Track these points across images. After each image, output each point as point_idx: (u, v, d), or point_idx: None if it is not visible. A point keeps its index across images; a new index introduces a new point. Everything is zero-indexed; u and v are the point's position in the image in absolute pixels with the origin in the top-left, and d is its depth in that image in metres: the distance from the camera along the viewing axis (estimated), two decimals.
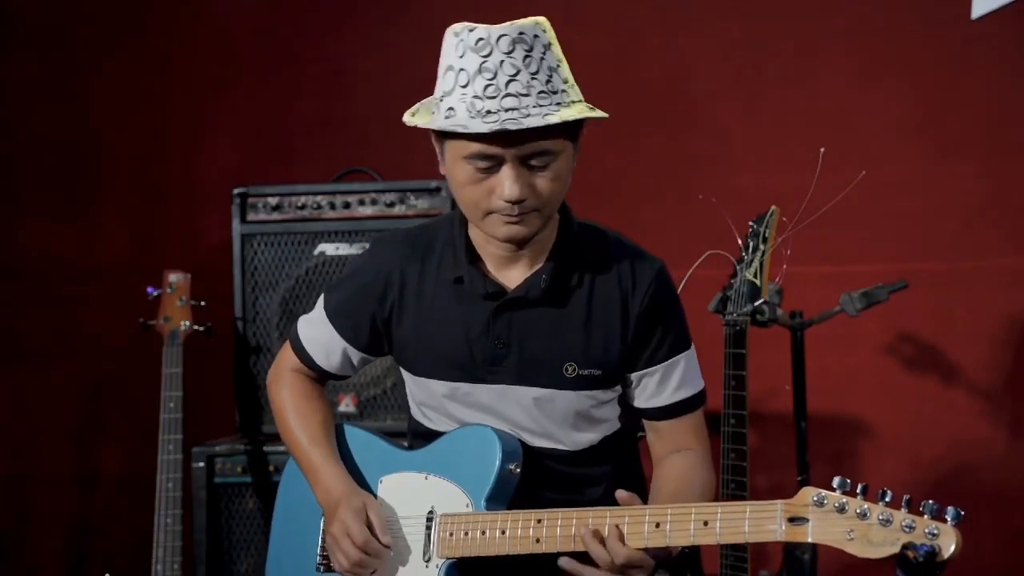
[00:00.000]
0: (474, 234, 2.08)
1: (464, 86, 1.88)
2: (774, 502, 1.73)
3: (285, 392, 2.24)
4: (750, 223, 2.72)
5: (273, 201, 3.34)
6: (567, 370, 2.04)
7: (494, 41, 1.87)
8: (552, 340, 2.04)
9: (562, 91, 1.91)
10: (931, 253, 3.50)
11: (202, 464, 3.21)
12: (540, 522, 1.93)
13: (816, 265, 3.29)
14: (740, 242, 2.71)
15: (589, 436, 2.11)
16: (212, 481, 3.22)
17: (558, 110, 1.89)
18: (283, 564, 2.25)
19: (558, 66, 1.92)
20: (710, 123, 3.67)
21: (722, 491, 2.62)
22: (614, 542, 1.85)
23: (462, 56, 1.89)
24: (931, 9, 3.51)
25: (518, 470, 2.04)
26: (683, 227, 3.46)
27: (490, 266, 2.07)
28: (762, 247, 2.67)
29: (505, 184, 1.90)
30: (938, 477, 3.46)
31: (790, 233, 2.68)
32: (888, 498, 1.65)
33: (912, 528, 1.61)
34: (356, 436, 2.22)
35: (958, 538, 1.59)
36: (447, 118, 1.90)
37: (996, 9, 3.42)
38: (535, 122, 1.85)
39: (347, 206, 3.32)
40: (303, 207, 3.33)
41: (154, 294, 3.31)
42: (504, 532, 1.96)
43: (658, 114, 3.71)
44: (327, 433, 2.20)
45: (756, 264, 2.67)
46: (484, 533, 1.98)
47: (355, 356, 2.21)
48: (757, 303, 2.65)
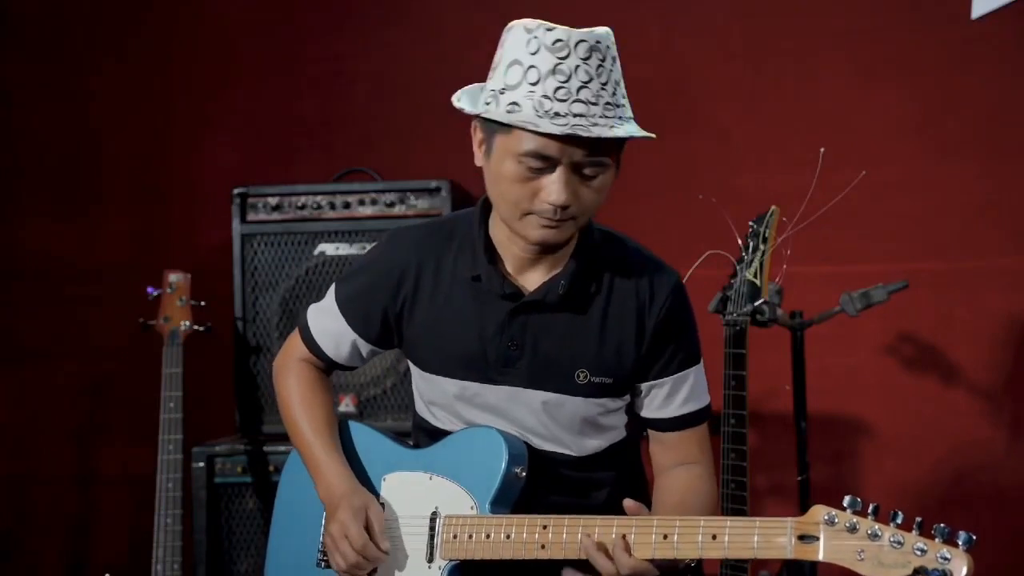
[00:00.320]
0: (495, 233, 2.07)
1: (534, 83, 1.87)
2: (784, 519, 1.73)
3: (292, 381, 2.23)
4: (750, 223, 2.72)
5: (273, 201, 3.34)
6: (578, 376, 2.03)
7: (572, 45, 1.87)
8: (566, 345, 2.03)
9: (622, 106, 1.92)
10: (931, 253, 3.50)
11: (202, 464, 3.21)
12: (546, 528, 1.93)
13: (816, 265, 3.29)
14: (740, 242, 2.71)
15: (595, 443, 2.11)
16: (212, 481, 3.22)
17: (621, 124, 1.89)
18: (283, 560, 2.25)
19: (619, 81, 1.93)
20: (710, 123, 3.67)
21: (722, 491, 2.61)
22: (620, 552, 1.84)
23: (535, 53, 1.87)
24: (931, 9, 3.51)
25: (523, 474, 2.04)
26: (683, 227, 3.46)
27: (509, 267, 2.06)
28: (762, 247, 2.66)
29: (553, 188, 1.89)
30: (938, 477, 3.46)
31: (790, 233, 2.68)
32: (899, 519, 1.65)
33: (924, 552, 1.62)
34: (361, 432, 2.21)
35: (970, 564, 1.60)
36: (510, 112, 1.88)
37: (996, 9, 3.42)
38: (603, 132, 1.86)
39: (347, 206, 3.31)
40: (303, 207, 3.33)
41: (154, 294, 3.31)
42: (509, 536, 1.95)
43: (658, 114, 3.69)
44: (331, 426, 2.19)
45: (756, 264, 2.67)
46: (488, 537, 1.97)
47: (364, 348, 2.20)
48: (757, 303, 2.65)
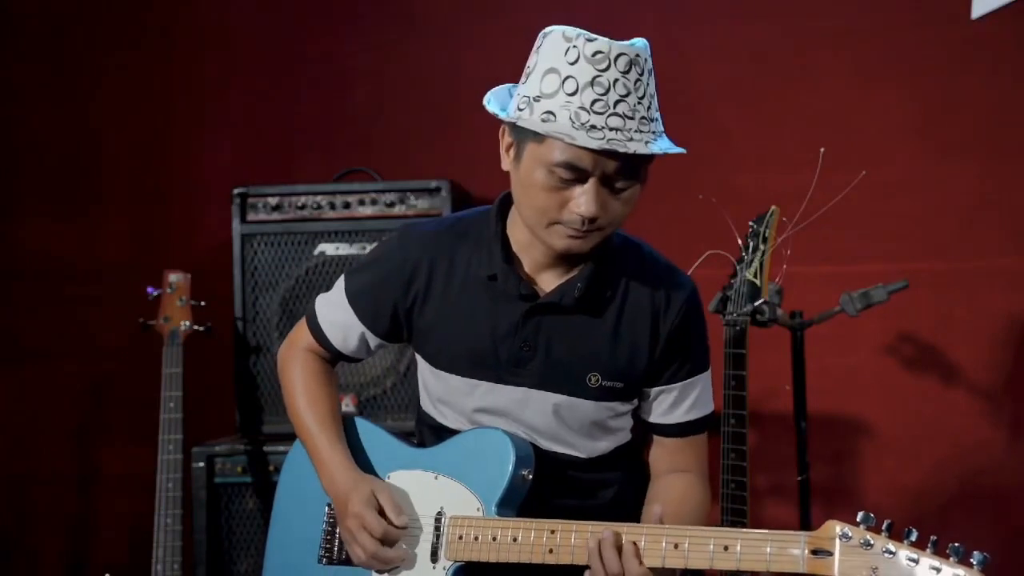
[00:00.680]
0: (513, 233, 2.07)
1: (571, 94, 1.86)
2: (797, 533, 1.74)
3: (297, 371, 2.23)
4: (750, 223, 2.72)
5: (273, 201, 3.34)
6: (590, 380, 2.04)
7: (612, 57, 1.86)
8: (579, 348, 2.03)
9: (656, 120, 1.92)
10: (931, 253, 3.50)
11: (202, 464, 3.21)
12: (554, 532, 1.93)
13: (816, 265, 3.29)
14: (740, 242, 2.71)
15: (602, 445, 2.11)
16: (212, 481, 3.22)
17: (655, 139, 1.90)
18: (284, 557, 2.24)
19: (655, 95, 1.93)
20: (710, 123, 3.67)
21: (722, 491, 2.61)
22: (629, 558, 1.85)
23: (574, 63, 1.87)
24: (931, 9, 3.51)
25: (530, 476, 2.04)
26: (683, 227, 3.46)
27: (526, 267, 2.06)
28: (762, 247, 2.66)
29: (583, 200, 1.89)
30: (938, 477, 3.46)
31: (790, 233, 2.68)
32: (914, 537, 1.66)
33: (938, 571, 1.63)
34: (366, 429, 2.21)
35: None
36: (544, 121, 1.88)
37: (996, 9, 3.42)
38: (639, 148, 1.86)
39: (347, 206, 3.31)
40: (303, 207, 3.33)
41: (154, 294, 3.31)
42: (516, 540, 1.95)
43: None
44: (335, 418, 2.19)
45: (756, 264, 2.67)
46: (495, 539, 1.97)
47: (372, 341, 2.20)
48: (757, 303, 2.65)
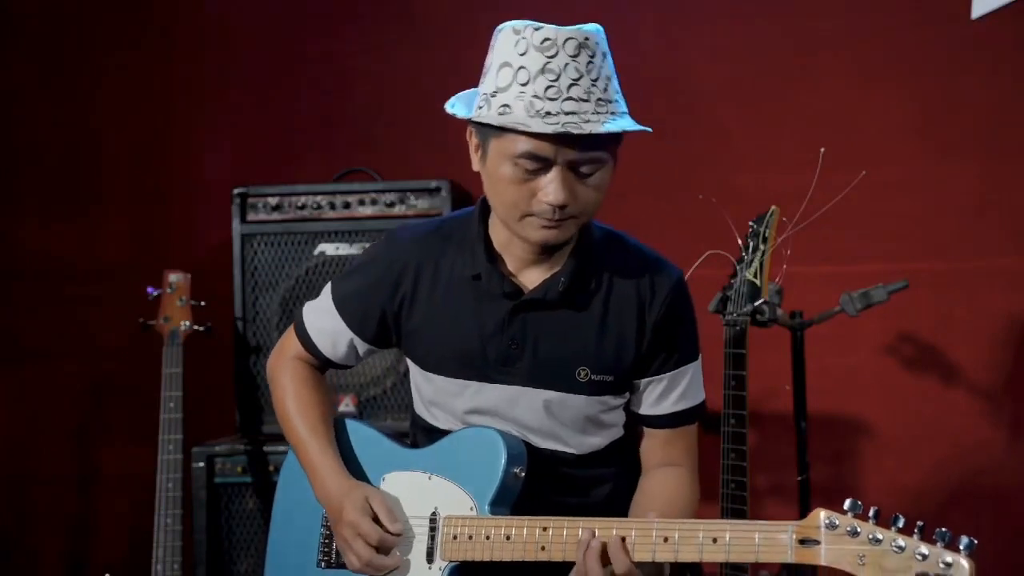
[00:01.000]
0: (495, 233, 2.07)
1: (524, 84, 1.86)
2: (785, 523, 1.74)
3: (287, 379, 2.23)
4: (750, 223, 2.72)
5: (273, 201, 3.34)
6: (580, 374, 2.03)
7: (560, 43, 1.86)
8: (566, 343, 2.03)
9: (615, 101, 1.92)
10: (931, 253, 3.50)
11: (202, 464, 3.21)
12: (546, 530, 1.93)
13: (816, 265, 3.29)
14: (740, 242, 2.71)
15: (596, 440, 2.11)
16: (212, 481, 3.23)
17: (614, 119, 1.89)
18: (283, 561, 2.24)
19: (611, 77, 1.92)
20: (710, 123, 3.67)
21: (722, 491, 2.61)
22: (617, 551, 1.85)
23: (524, 54, 1.87)
24: (931, 9, 3.51)
25: (522, 474, 2.04)
26: (683, 227, 3.46)
27: (509, 266, 2.06)
28: (762, 247, 2.66)
29: (551, 188, 1.89)
30: (938, 477, 3.46)
31: (790, 233, 2.68)
32: (901, 524, 1.65)
33: (925, 557, 1.62)
34: (358, 431, 2.21)
35: (972, 569, 1.59)
36: (501, 115, 1.88)
37: (996, 9, 3.42)
38: (595, 128, 1.85)
39: (347, 206, 3.31)
40: (303, 207, 3.33)
41: (154, 294, 3.31)
42: (509, 537, 1.95)
43: (658, 114, 3.70)
44: (326, 424, 2.18)
45: (756, 264, 2.67)
46: (488, 537, 1.97)
47: (361, 347, 2.20)
48: (757, 303, 2.65)
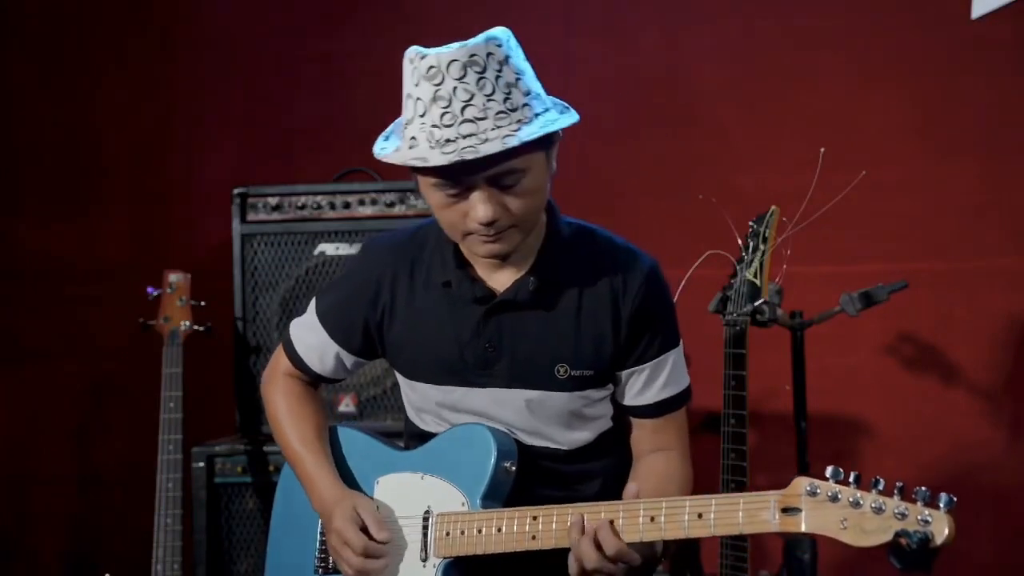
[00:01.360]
0: None
1: (422, 115, 1.85)
2: (767, 493, 1.73)
3: (279, 396, 2.24)
4: (750, 223, 2.72)
5: (273, 201, 3.34)
6: (559, 371, 2.03)
7: (444, 68, 1.83)
8: (543, 342, 2.03)
9: (523, 106, 1.87)
10: (931, 253, 3.50)
11: (202, 464, 3.21)
12: (536, 519, 1.94)
13: (816, 265, 3.28)
14: (740, 242, 2.71)
15: (583, 435, 2.11)
16: (212, 481, 3.22)
17: (518, 129, 1.84)
18: (282, 566, 2.25)
19: (517, 80, 1.87)
20: (710, 123, 3.67)
21: (722, 490, 2.61)
22: (607, 534, 1.85)
23: (417, 84, 1.86)
24: (931, 9, 3.51)
25: (513, 468, 2.04)
26: (683, 227, 3.46)
27: (479, 270, 2.06)
28: (762, 247, 2.66)
29: (477, 208, 1.89)
30: (938, 477, 3.46)
31: (790, 233, 2.68)
32: (881, 486, 1.64)
33: (905, 515, 1.61)
34: (351, 438, 2.22)
35: (951, 524, 1.59)
36: (410, 148, 1.88)
37: (996, 9, 3.42)
38: (493, 147, 1.82)
39: (347, 206, 3.32)
40: (303, 207, 3.33)
41: (154, 294, 3.31)
42: (500, 529, 1.96)
43: (658, 114, 3.71)
44: (320, 437, 2.20)
45: (756, 264, 2.67)
46: (480, 531, 1.98)
47: (348, 360, 2.21)
48: (757, 303, 2.65)
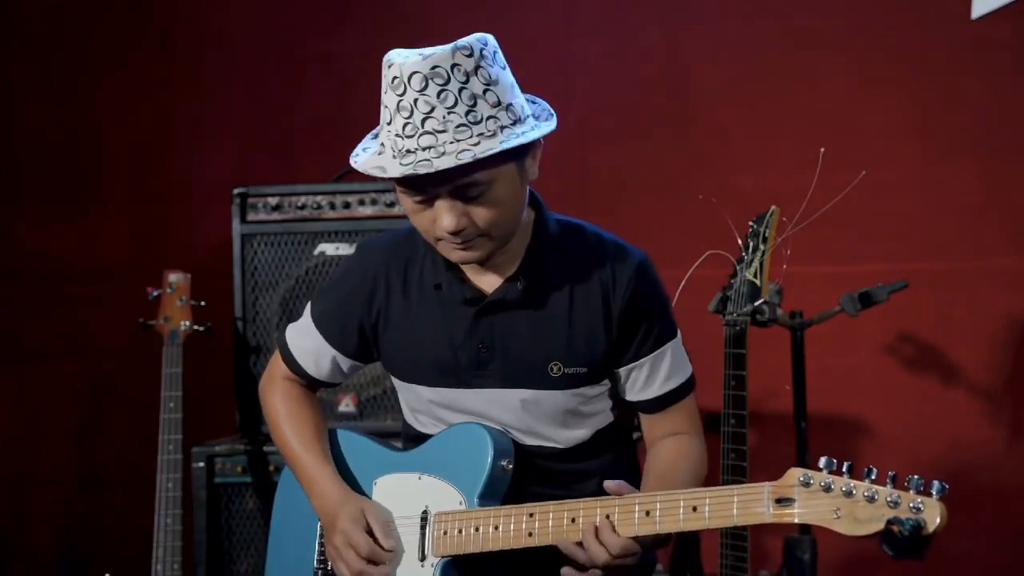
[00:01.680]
0: None
1: (389, 123, 1.87)
2: (761, 484, 1.73)
3: (277, 400, 2.24)
4: (750, 223, 2.72)
5: (273, 201, 3.34)
6: (552, 370, 2.03)
7: (406, 79, 1.83)
8: (535, 341, 2.03)
9: (488, 118, 1.84)
10: (931, 253, 3.50)
11: (202, 464, 3.21)
12: (532, 516, 1.94)
13: (816, 265, 3.29)
14: (740, 242, 2.71)
15: (580, 432, 2.11)
16: (212, 481, 3.22)
17: (477, 143, 1.83)
18: (282, 567, 2.25)
19: (486, 91, 1.85)
20: (710, 123, 3.67)
21: None
22: (607, 534, 1.85)
23: (385, 93, 1.87)
24: (931, 9, 3.51)
25: (510, 467, 2.04)
26: (683, 227, 3.46)
27: (468, 271, 2.05)
28: (762, 247, 2.66)
29: (440, 217, 1.89)
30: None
31: (790, 233, 2.68)
32: (874, 475, 1.64)
33: (897, 503, 1.61)
34: (349, 440, 2.22)
35: (943, 511, 1.59)
36: (379, 154, 1.90)
37: (996, 9, 3.42)
38: (447, 162, 1.81)
39: (347, 206, 3.31)
40: (303, 207, 3.33)
41: (154, 294, 3.30)
42: (497, 528, 1.96)
43: (658, 114, 3.71)
44: (320, 439, 2.19)
45: (756, 264, 2.67)
46: (477, 530, 1.98)
47: (344, 363, 2.20)
48: (757, 303, 2.65)
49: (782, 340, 3.07)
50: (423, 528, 2.05)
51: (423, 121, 1.82)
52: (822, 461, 1.68)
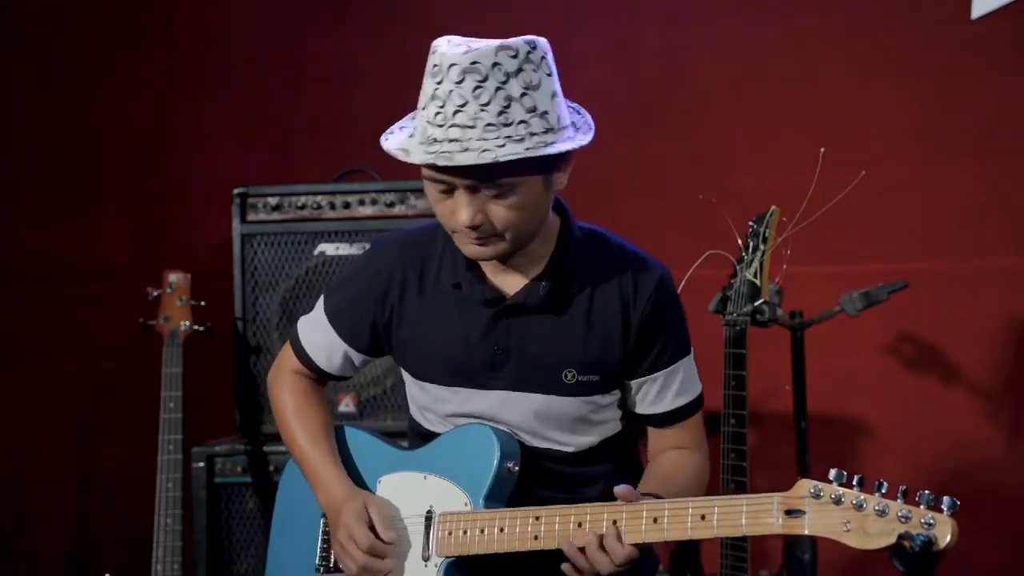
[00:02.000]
0: None
1: (423, 109, 1.87)
2: (771, 495, 1.73)
3: (285, 393, 2.24)
4: (750, 223, 2.72)
5: (273, 201, 3.34)
6: (566, 376, 2.03)
7: (445, 69, 1.83)
8: (551, 347, 2.02)
9: (520, 122, 1.83)
10: (931, 253, 3.50)
11: (202, 464, 3.21)
12: (538, 519, 1.93)
13: (816, 265, 3.29)
14: (740, 242, 2.71)
15: (588, 439, 2.11)
16: (212, 481, 3.22)
17: (503, 145, 1.81)
18: (283, 564, 2.25)
19: (524, 95, 1.83)
20: (710, 123, 3.67)
21: (722, 490, 2.61)
22: (613, 542, 1.85)
23: (425, 78, 1.88)
24: (931, 9, 3.51)
25: (516, 469, 2.04)
26: (683, 227, 3.46)
27: (488, 272, 2.05)
28: (762, 247, 2.66)
29: (459, 210, 1.89)
30: (938, 477, 3.46)
31: (790, 233, 2.68)
32: (884, 489, 1.64)
33: (908, 518, 1.61)
34: (356, 437, 2.22)
35: (954, 528, 1.59)
36: (409, 136, 1.90)
37: (996, 9, 3.42)
38: (467, 159, 1.80)
39: (347, 206, 3.31)
40: (303, 207, 3.33)
41: (154, 294, 3.30)
42: (502, 530, 1.96)
43: (658, 114, 3.71)
44: (327, 435, 2.19)
45: (756, 264, 2.67)
46: (483, 531, 1.98)
47: (356, 358, 2.20)
48: (757, 303, 2.65)
49: (782, 340, 3.07)
50: (427, 528, 2.04)
51: (454, 113, 1.82)
52: (832, 473, 1.67)
